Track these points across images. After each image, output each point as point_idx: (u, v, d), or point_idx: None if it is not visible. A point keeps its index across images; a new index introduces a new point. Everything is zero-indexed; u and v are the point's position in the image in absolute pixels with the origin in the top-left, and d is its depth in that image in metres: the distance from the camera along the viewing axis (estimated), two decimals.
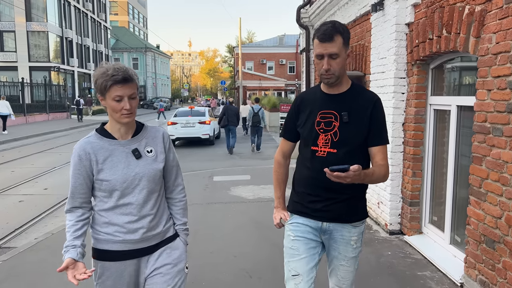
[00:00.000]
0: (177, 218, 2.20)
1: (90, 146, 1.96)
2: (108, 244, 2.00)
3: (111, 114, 1.95)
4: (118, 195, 1.97)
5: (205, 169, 10.31)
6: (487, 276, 3.30)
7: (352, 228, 2.21)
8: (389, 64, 4.95)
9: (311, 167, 2.18)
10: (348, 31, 2.13)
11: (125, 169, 1.96)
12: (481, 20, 3.32)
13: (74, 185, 1.97)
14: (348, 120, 2.11)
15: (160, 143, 2.08)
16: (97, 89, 1.92)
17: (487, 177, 3.28)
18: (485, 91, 3.30)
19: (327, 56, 2.06)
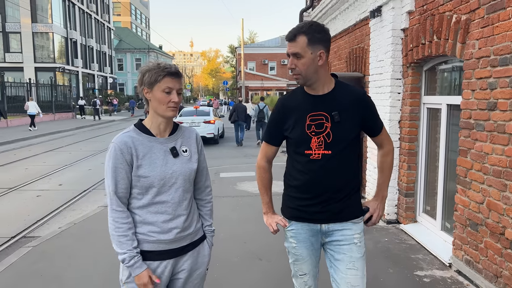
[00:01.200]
0: (205, 219, 2.20)
1: (131, 140, 1.95)
2: (141, 244, 1.96)
3: (156, 107, 1.95)
4: (155, 192, 1.96)
5: (211, 166, 10.70)
6: (471, 255, 3.71)
7: (353, 225, 2.19)
8: (386, 66, 5.36)
9: (307, 171, 2.15)
10: (319, 30, 2.06)
11: (163, 166, 1.96)
12: (466, 28, 3.73)
13: (116, 179, 1.93)
14: (339, 120, 2.10)
15: (194, 144, 2.10)
16: (145, 81, 1.94)
17: (471, 167, 3.69)
18: (469, 91, 3.71)
19: (291, 55, 2.08)
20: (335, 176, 2.13)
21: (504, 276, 3.25)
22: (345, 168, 2.15)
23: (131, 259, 1.89)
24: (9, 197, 7.87)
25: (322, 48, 2.07)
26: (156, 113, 1.97)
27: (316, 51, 2.05)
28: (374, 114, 2.23)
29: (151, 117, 2.02)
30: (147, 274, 1.91)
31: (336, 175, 2.13)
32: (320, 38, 2.06)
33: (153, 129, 2.02)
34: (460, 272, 3.88)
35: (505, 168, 3.23)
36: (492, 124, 3.40)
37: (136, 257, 1.90)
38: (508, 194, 3.20)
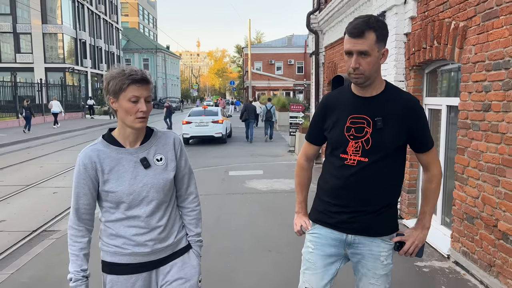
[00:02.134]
0: (189, 229, 2.08)
1: (96, 154, 1.85)
2: (116, 257, 1.90)
3: (123, 118, 1.83)
4: (125, 207, 1.86)
5: (221, 165, 11.02)
6: (467, 247, 3.97)
7: (382, 242, 2.02)
8: (390, 68, 5.62)
9: (339, 176, 2.01)
10: (385, 27, 1.93)
11: (132, 179, 1.85)
12: (464, 34, 3.99)
13: (78, 195, 1.85)
14: (382, 127, 1.93)
15: (171, 150, 1.97)
16: (109, 90, 1.81)
17: (468, 164, 3.95)
18: (466, 93, 3.97)
19: (356, 54, 1.87)
20: (369, 187, 1.96)
21: (497, 265, 3.50)
22: (380, 180, 1.97)
23: (75, 280, 1.83)
24: (27, 193, 8.22)
25: (385, 46, 1.94)
26: (124, 123, 1.85)
27: (381, 49, 1.91)
28: (424, 127, 2.01)
29: (120, 127, 1.90)
30: None
31: (369, 185, 1.96)
32: (385, 35, 1.92)
33: (122, 139, 1.90)
34: (457, 263, 4.14)
35: (498, 165, 3.49)
36: (486, 124, 3.65)
37: (80, 281, 1.83)
38: (500, 189, 3.46)
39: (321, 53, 10.92)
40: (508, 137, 3.36)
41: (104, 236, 1.93)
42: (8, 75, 30.98)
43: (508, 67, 3.34)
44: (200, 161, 11.95)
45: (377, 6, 5.97)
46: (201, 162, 11.62)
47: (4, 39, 37.00)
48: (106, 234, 1.92)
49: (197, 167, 10.73)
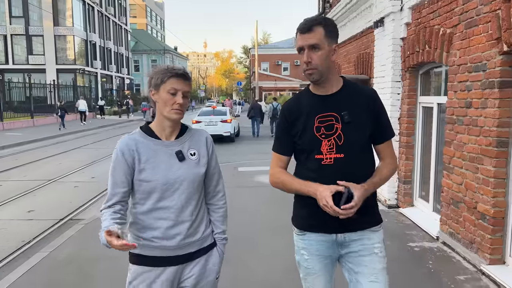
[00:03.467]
0: (216, 226, 2.13)
1: (135, 143, 1.92)
2: (144, 250, 1.94)
3: (162, 109, 1.92)
4: (157, 198, 1.91)
5: (230, 162, 11.55)
6: (453, 228, 4.48)
7: (371, 233, 2.03)
8: (387, 70, 6.13)
9: (318, 177, 1.99)
10: (333, 25, 2.02)
11: (167, 170, 1.91)
12: (450, 39, 4.49)
13: (115, 181, 1.91)
14: (350, 120, 1.96)
15: (203, 147, 2.04)
16: (152, 83, 1.92)
17: (454, 155, 4.46)
18: (452, 92, 4.48)
19: (307, 48, 1.95)
20: (349, 181, 1.94)
21: (476, 242, 4.01)
22: (359, 173, 1.97)
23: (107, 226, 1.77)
24: (50, 187, 8.81)
25: (336, 43, 2.00)
26: (162, 115, 1.94)
27: (332, 44, 1.97)
28: (384, 116, 2.07)
29: (158, 119, 1.99)
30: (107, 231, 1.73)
31: (350, 179, 1.94)
32: (334, 32, 2.00)
33: (159, 132, 1.98)
34: (445, 243, 4.64)
35: (477, 155, 3.99)
36: (468, 119, 4.16)
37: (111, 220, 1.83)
38: (479, 175, 3.96)
39: None
40: (485, 130, 3.86)
41: (134, 228, 1.96)
42: (21, 76, 31.85)
43: (485, 69, 3.85)
44: None
45: (376, 12, 6.48)
46: None
47: (16, 41, 37.89)
48: (135, 227, 1.96)
49: None
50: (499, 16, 3.60)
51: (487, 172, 3.84)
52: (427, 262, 4.24)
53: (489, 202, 3.80)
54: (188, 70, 2.23)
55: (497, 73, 3.68)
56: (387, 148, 2.08)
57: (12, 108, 26.09)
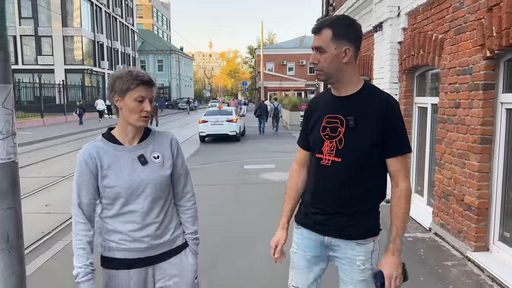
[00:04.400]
0: (186, 227, 2.14)
1: (96, 150, 1.93)
2: (114, 252, 1.97)
3: (127, 117, 1.91)
4: (122, 203, 1.92)
5: (236, 160, 11.94)
6: (443, 219, 4.83)
7: (356, 245, 1.97)
8: (385, 72, 6.48)
9: (316, 176, 2.04)
10: (345, 25, 1.93)
11: (130, 175, 1.91)
12: (442, 44, 4.84)
13: (81, 190, 1.92)
14: (354, 126, 1.90)
15: (167, 149, 2.04)
16: (116, 89, 1.89)
17: (444, 152, 4.80)
18: (443, 93, 4.82)
19: (314, 49, 1.95)
20: (342, 188, 1.94)
21: (463, 231, 4.36)
22: (354, 182, 1.93)
23: (84, 275, 1.86)
24: (64, 183, 9.23)
25: (348, 45, 1.91)
26: (127, 122, 1.94)
27: (341, 46, 1.89)
28: (396, 129, 1.92)
29: (120, 125, 1.99)
30: None
31: (343, 186, 1.94)
32: (346, 33, 1.91)
33: (121, 137, 1.98)
34: (436, 234, 4.99)
35: (465, 151, 4.34)
36: (457, 118, 4.50)
37: (89, 274, 1.87)
38: (466, 170, 4.31)
39: None
40: (471, 128, 4.21)
41: (103, 232, 1.98)
42: (30, 76, 32.41)
43: (471, 72, 4.19)
44: (216, 157, 12.91)
45: (375, 17, 6.83)
46: (217, 158, 12.58)
47: (26, 41, 38.52)
48: (104, 230, 1.98)
49: (214, 162, 11.71)
50: (483, 25, 3.95)
51: (472, 167, 4.18)
52: (419, 250, 4.60)
53: (474, 194, 4.15)
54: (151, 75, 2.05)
55: (481, 76, 4.03)
56: (397, 165, 1.92)
57: (22, 108, 26.64)
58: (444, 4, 4.76)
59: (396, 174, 1.93)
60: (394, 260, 1.90)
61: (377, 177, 1.98)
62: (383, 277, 1.89)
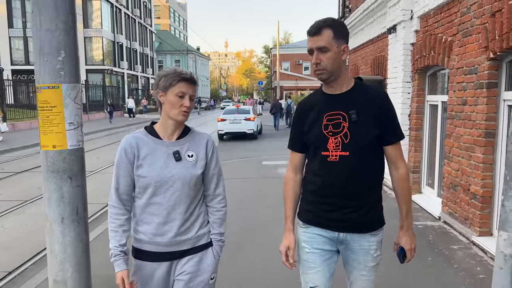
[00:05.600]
0: (213, 227, 2.19)
1: (136, 141, 2.03)
2: (141, 244, 2.05)
3: (168, 111, 2.01)
4: (151, 193, 2.00)
5: (254, 157, 12.40)
6: (451, 208, 5.21)
7: (371, 237, 2.11)
8: (399, 72, 6.86)
9: (323, 174, 2.08)
10: (342, 25, 2.05)
11: (162, 168, 1.99)
12: (450, 46, 5.22)
13: (119, 176, 2.02)
14: (357, 119, 2.01)
15: (202, 149, 2.11)
16: (160, 85, 2.00)
17: (453, 146, 5.18)
18: (452, 91, 5.20)
19: (316, 50, 2.00)
20: (353, 181, 2.03)
21: (469, 218, 4.74)
22: (364, 174, 2.04)
23: (114, 255, 1.96)
24: (93, 178, 9.83)
25: (345, 43, 2.04)
26: (168, 116, 2.03)
27: (340, 45, 2.00)
28: (392, 118, 2.09)
29: (162, 120, 2.08)
30: (121, 276, 1.95)
31: (354, 179, 2.03)
32: (343, 32, 2.03)
33: (161, 132, 2.07)
34: (445, 222, 5.37)
35: (471, 144, 4.72)
36: (464, 114, 4.88)
37: (119, 255, 1.96)
38: (472, 162, 4.69)
39: None
40: (476, 124, 4.60)
41: (134, 222, 2.08)
42: None
43: (477, 72, 4.57)
44: (236, 153, 13.40)
45: (389, 20, 7.21)
46: (237, 154, 13.06)
47: None
48: (135, 220, 2.07)
49: (234, 158, 12.20)
50: (487, 29, 4.33)
51: (477, 159, 4.57)
52: (428, 236, 4.99)
53: (479, 184, 4.53)
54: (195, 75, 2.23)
55: (485, 76, 4.41)
56: (394, 151, 2.09)
57: None
58: (453, 9, 5.14)
59: (396, 159, 2.10)
60: (410, 234, 2.13)
61: (379, 168, 2.11)
62: (403, 250, 2.13)
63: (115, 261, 1.96)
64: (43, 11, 2.68)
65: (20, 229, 6.00)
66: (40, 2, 2.68)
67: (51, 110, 2.75)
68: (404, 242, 2.13)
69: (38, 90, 2.78)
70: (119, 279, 1.95)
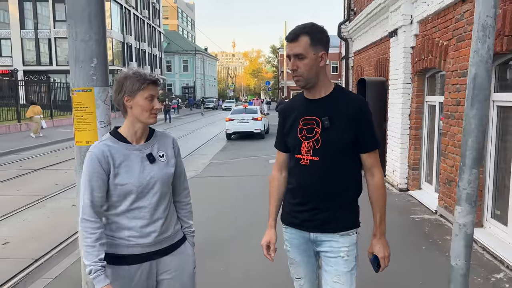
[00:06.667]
0: (184, 221, 2.25)
1: (108, 149, 1.97)
2: (121, 249, 2.02)
3: (139, 115, 1.98)
4: (133, 199, 1.98)
5: (262, 156, 12.78)
6: (447, 203, 5.55)
7: (340, 237, 2.10)
8: (399, 73, 7.20)
9: (296, 176, 2.15)
10: (320, 32, 2.04)
11: (140, 173, 1.99)
12: (446, 50, 5.56)
13: (92, 188, 1.93)
14: (329, 126, 2.03)
15: (170, 148, 2.14)
16: (126, 89, 1.95)
17: (448, 144, 5.52)
18: (447, 92, 5.54)
19: (293, 57, 2.02)
20: (322, 184, 2.07)
21: None
22: (333, 178, 2.07)
23: (95, 271, 1.89)
24: None
25: (323, 49, 2.04)
26: (138, 120, 2.01)
27: (318, 51, 2.01)
28: (368, 126, 2.08)
29: (128, 124, 2.04)
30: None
31: (322, 183, 2.07)
32: (321, 39, 2.02)
33: (130, 136, 2.04)
34: (441, 215, 5.71)
35: None
36: (458, 114, 5.22)
37: (100, 270, 1.90)
38: None
39: (350, 58, 12.52)
40: None
41: (108, 229, 2.02)
42: (63, 77, 34.09)
43: None
44: (243, 152, 13.78)
45: (391, 24, 7.55)
46: (245, 153, 13.45)
47: (59, 44, 40.40)
48: (110, 227, 2.02)
49: (242, 157, 12.59)
50: None
51: None
52: (424, 228, 5.34)
53: None
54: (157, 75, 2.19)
55: None
56: (369, 158, 2.10)
57: (56, 107, 28.08)
58: (448, 15, 5.48)
59: (372, 166, 2.11)
60: (383, 242, 2.12)
61: (354, 172, 2.12)
62: (377, 259, 2.11)
63: (96, 277, 1.89)
64: (78, 24, 3.09)
65: (42, 221, 6.42)
66: (75, 16, 3.09)
67: (84, 110, 3.16)
68: (377, 250, 2.12)
69: (73, 93, 3.20)
70: None
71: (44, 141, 16.60)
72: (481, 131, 2.04)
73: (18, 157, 13.10)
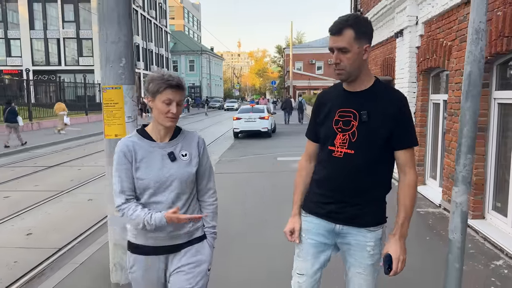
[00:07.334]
0: (206, 221, 2.28)
1: (132, 144, 2.08)
2: (139, 239, 2.13)
3: (157, 116, 2.05)
4: (150, 193, 2.06)
5: (270, 153, 13.03)
6: (450, 196, 5.76)
7: (368, 233, 2.10)
8: (405, 73, 7.44)
9: (327, 167, 2.12)
10: (365, 24, 2.00)
11: (159, 170, 2.05)
12: (450, 50, 5.79)
13: (122, 179, 2.05)
14: (367, 120, 1.99)
15: (195, 148, 2.18)
16: (149, 90, 2.03)
17: (451, 140, 5.76)
18: (451, 91, 5.77)
19: (336, 50, 1.98)
20: (355, 179, 2.04)
21: None
22: (366, 173, 2.04)
23: (150, 216, 2.01)
24: None
25: (367, 42, 2.00)
26: (157, 121, 2.09)
27: (362, 45, 1.98)
28: (406, 123, 2.03)
29: (153, 123, 2.14)
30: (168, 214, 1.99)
31: (355, 177, 2.04)
32: (366, 32, 1.99)
33: (154, 134, 2.12)
34: (445, 209, 5.95)
35: None
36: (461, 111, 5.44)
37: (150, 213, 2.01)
38: None
39: None
40: None
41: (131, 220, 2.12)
42: (71, 76, 34.49)
43: None
44: (251, 150, 14.05)
45: (397, 25, 7.79)
46: (252, 151, 13.72)
47: (68, 44, 40.90)
48: None
49: (250, 155, 12.86)
50: None
51: None
52: (428, 220, 5.58)
53: (472, 173, 5.10)
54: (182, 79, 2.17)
55: None
56: (406, 156, 2.04)
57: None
58: (452, 17, 5.72)
59: (405, 165, 2.04)
60: (401, 244, 2.01)
61: (386, 168, 2.09)
62: (391, 259, 1.99)
63: (154, 219, 1.99)
64: (108, 27, 3.38)
65: (61, 214, 6.72)
66: (106, 20, 3.38)
67: (114, 106, 3.45)
68: (393, 250, 2.01)
69: (104, 90, 3.49)
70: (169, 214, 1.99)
71: (56, 139, 16.96)
72: (475, 121, 2.29)
73: (30, 155, 13.45)
